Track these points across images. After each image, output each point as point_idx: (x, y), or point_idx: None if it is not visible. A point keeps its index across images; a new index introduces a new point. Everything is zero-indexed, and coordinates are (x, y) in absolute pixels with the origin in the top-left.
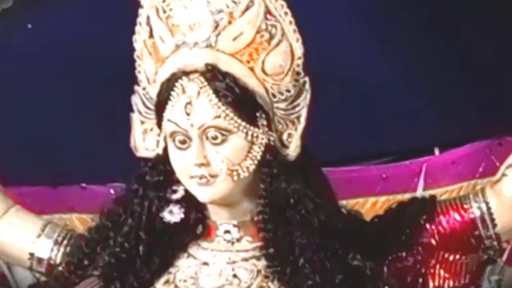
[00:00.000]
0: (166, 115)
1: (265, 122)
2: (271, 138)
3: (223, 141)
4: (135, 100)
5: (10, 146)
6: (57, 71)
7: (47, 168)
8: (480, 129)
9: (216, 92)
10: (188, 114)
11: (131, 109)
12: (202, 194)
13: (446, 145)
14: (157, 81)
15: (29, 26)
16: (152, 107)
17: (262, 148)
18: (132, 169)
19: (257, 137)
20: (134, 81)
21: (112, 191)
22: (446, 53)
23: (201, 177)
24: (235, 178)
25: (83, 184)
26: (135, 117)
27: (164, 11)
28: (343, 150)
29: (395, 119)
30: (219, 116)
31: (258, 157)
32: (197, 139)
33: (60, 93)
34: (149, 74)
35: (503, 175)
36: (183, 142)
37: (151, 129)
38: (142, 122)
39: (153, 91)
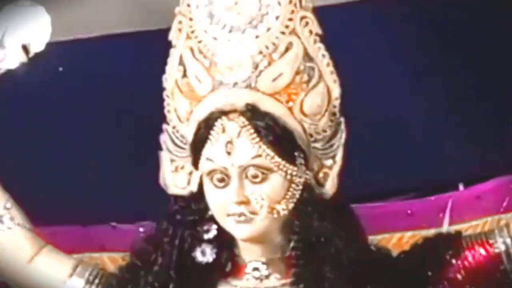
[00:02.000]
0: (205, 153)
1: (303, 161)
2: (308, 177)
3: (263, 179)
4: (164, 138)
5: (40, 186)
6: (86, 112)
7: (77, 207)
8: (505, 164)
9: (257, 131)
10: (228, 153)
11: (159, 148)
12: (240, 232)
13: (471, 181)
14: (192, 120)
15: (60, 69)
16: (182, 145)
17: (300, 187)
18: (161, 208)
19: (296, 175)
20: (162, 120)
21: (141, 229)
22: (471, 91)
23: (239, 215)
24: (275, 216)
25: (113, 223)
26: (164, 155)
27: (201, 52)
28: (367, 186)
29: (420, 155)
30: (260, 155)
31: (297, 196)
32: (236, 178)
33: (90, 134)
34: (181, 113)
35: None
36: (221, 180)
37: (182, 167)
38: (172, 160)
39: (186, 129)
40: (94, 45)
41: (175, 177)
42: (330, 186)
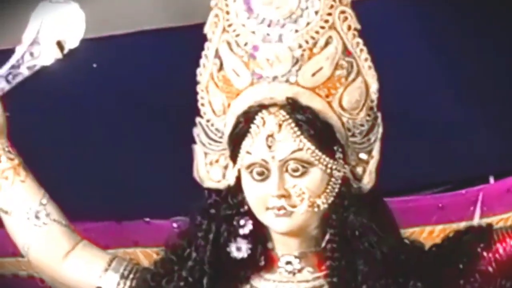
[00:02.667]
0: (245, 147)
1: (341, 156)
2: (346, 171)
3: (303, 173)
4: (197, 131)
5: (75, 182)
6: (119, 108)
7: (111, 203)
8: None
9: (298, 125)
10: (269, 147)
11: (193, 142)
12: (280, 225)
13: (501, 173)
14: (230, 113)
15: (95, 65)
16: (217, 138)
17: (339, 181)
18: (195, 202)
19: (335, 169)
20: (196, 113)
21: (175, 225)
22: (502, 85)
23: (279, 208)
24: (316, 209)
25: (147, 219)
26: (198, 149)
27: (238, 45)
28: (399, 180)
29: (451, 148)
30: (301, 149)
31: (336, 190)
32: (277, 171)
33: (124, 129)
34: (217, 106)
35: None
36: (261, 174)
37: (216, 161)
38: (206, 154)
39: (221, 123)
40: (127, 41)
41: (210, 170)
42: (367, 181)
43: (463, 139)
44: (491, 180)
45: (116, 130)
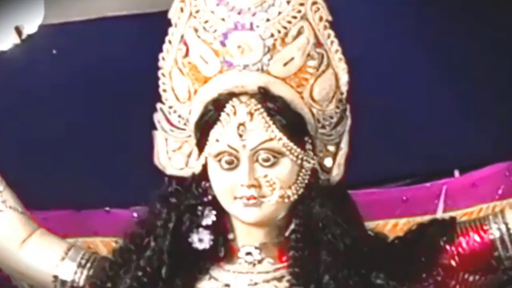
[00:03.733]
0: (214, 135)
1: (311, 147)
2: (315, 162)
3: (273, 163)
4: (158, 118)
5: (34, 170)
6: (81, 95)
7: (71, 192)
8: (500, 151)
9: (270, 114)
10: (240, 136)
11: (154, 128)
12: (249, 215)
13: (466, 168)
14: (196, 100)
15: (54, 52)
16: (180, 125)
17: (309, 172)
18: (155, 191)
19: (305, 160)
20: (157, 100)
21: (135, 214)
22: (468, 77)
23: (249, 198)
24: (286, 200)
25: (107, 208)
26: (159, 135)
27: (206, 30)
28: (363, 172)
29: (416, 142)
30: (272, 139)
31: (306, 181)
32: (247, 160)
33: (83, 118)
34: (181, 92)
35: None
36: (230, 162)
37: (179, 148)
38: (167, 140)
39: (185, 109)
40: (87, 28)
41: (172, 157)
42: (336, 173)
43: (429, 132)
44: (456, 174)
45: (76, 117)
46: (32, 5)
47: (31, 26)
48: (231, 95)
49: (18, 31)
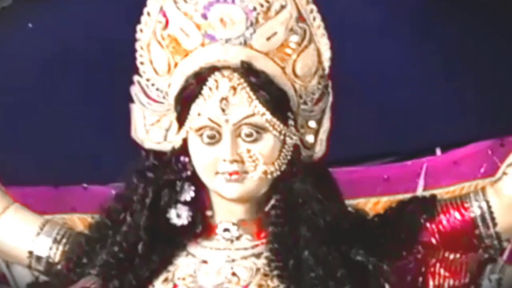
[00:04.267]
0: (196, 109)
1: (293, 123)
2: (296, 138)
3: (256, 139)
4: (135, 91)
5: (10, 146)
6: (55, 69)
7: (48, 168)
8: (482, 129)
9: (253, 89)
10: (223, 110)
11: (131, 101)
12: (230, 191)
13: (448, 146)
14: (177, 73)
15: (30, 25)
16: (159, 99)
17: (291, 148)
18: (131, 166)
19: (288, 136)
20: (133, 72)
21: (113, 191)
22: (449, 55)
23: (231, 174)
24: (269, 176)
25: (85, 184)
26: (136, 109)
27: (186, 3)
28: (344, 150)
29: (397, 119)
30: (255, 114)
31: (288, 157)
32: (229, 135)
33: (61, 92)
34: (160, 65)
35: (504, 173)
36: (212, 137)
37: (157, 121)
38: (144, 114)
39: (164, 82)
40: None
41: (150, 131)
42: (318, 149)
43: (411, 110)
44: (438, 152)
45: (53, 91)
46: None
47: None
48: (213, 68)
49: None
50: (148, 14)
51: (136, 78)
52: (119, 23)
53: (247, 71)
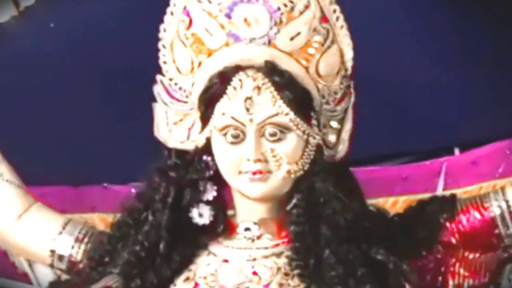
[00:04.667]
0: (220, 108)
1: (315, 123)
2: (319, 138)
3: (280, 138)
4: (158, 90)
5: (31, 145)
6: (78, 69)
7: (69, 167)
8: (501, 129)
9: (277, 89)
10: (248, 110)
11: (153, 101)
12: (254, 190)
13: (467, 145)
14: (201, 73)
15: (52, 25)
16: (182, 98)
17: (314, 148)
18: (153, 165)
19: (311, 136)
20: (156, 71)
21: (133, 190)
22: (470, 55)
23: (255, 173)
24: (292, 176)
25: (105, 184)
26: (159, 108)
27: (210, 2)
28: (363, 150)
29: (416, 119)
30: (279, 113)
31: (311, 156)
32: (253, 135)
33: (81, 92)
34: (183, 64)
35: None
36: (236, 136)
37: (180, 120)
38: (167, 113)
39: (187, 82)
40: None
41: (173, 130)
42: (340, 149)
43: (429, 110)
44: (456, 151)
45: (74, 92)
46: None
47: None
48: (237, 68)
49: (16, 3)
50: (172, 13)
51: (159, 77)
52: (142, 22)
53: (271, 70)
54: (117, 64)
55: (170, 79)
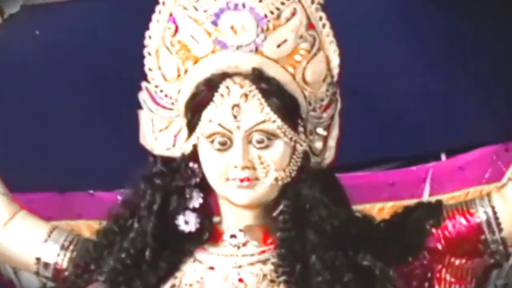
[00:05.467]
0: (207, 115)
1: (303, 129)
2: (306, 145)
3: (267, 145)
4: (143, 97)
5: (17, 152)
6: (62, 76)
7: (54, 174)
8: (487, 135)
9: (264, 96)
10: (235, 117)
11: (138, 108)
12: (241, 197)
13: (453, 151)
14: (187, 80)
15: (37, 32)
16: (168, 105)
17: (301, 155)
18: (138, 172)
19: (298, 143)
20: (141, 78)
21: (119, 197)
22: (455, 62)
23: (242, 180)
24: (280, 183)
25: (91, 191)
26: (145, 115)
27: (196, 10)
28: (350, 155)
29: (402, 124)
30: (267, 120)
31: (299, 163)
32: (241, 142)
33: (67, 99)
34: (169, 72)
35: (509, 179)
36: (223, 143)
37: (166, 127)
38: (153, 120)
39: (173, 89)
40: (70, 7)
41: (158, 137)
42: (327, 156)
43: (415, 115)
44: (443, 157)
45: (59, 97)
46: None
47: (13, 6)
48: (224, 75)
49: (0, 10)
50: (157, 20)
51: (144, 84)
52: (127, 30)
53: (258, 78)
54: (103, 71)
55: (156, 86)
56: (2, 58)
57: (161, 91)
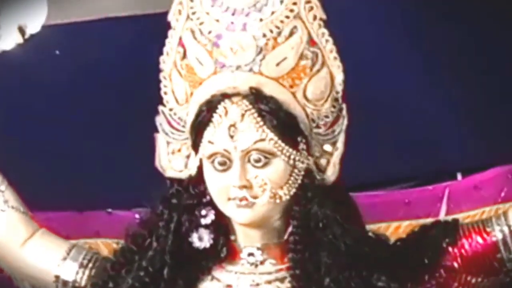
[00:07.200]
0: (207, 136)
1: (304, 147)
2: (309, 162)
3: (265, 164)
4: (160, 120)
5: (36, 171)
6: (83, 97)
7: (73, 193)
8: (503, 154)
9: (261, 115)
10: (231, 137)
11: (156, 131)
12: (241, 216)
13: (469, 170)
14: (193, 102)
15: (57, 52)
16: (180, 127)
17: (302, 172)
18: (157, 193)
19: (298, 161)
20: (158, 102)
21: (137, 216)
22: (471, 80)
23: (241, 199)
24: (277, 201)
25: (109, 209)
26: (160, 138)
27: (202, 33)
28: (366, 175)
29: (418, 144)
30: (263, 139)
31: (299, 181)
32: (239, 162)
33: (86, 118)
34: (179, 95)
35: None
36: (222, 164)
37: (179, 150)
38: (168, 143)
39: (184, 112)
40: (90, 28)
41: (172, 160)
42: (331, 173)
43: (432, 135)
44: (459, 176)
45: (78, 118)
46: (35, 5)
47: (34, 26)
48: (224, 96)
49: (21, 30)
50: (170, 44)
51: (160, 107)
52: (148, 50)
53: (256, 97)
54: (122, 91)
55: (170, 109)
56: (23, 79)
57: (175, 114)
